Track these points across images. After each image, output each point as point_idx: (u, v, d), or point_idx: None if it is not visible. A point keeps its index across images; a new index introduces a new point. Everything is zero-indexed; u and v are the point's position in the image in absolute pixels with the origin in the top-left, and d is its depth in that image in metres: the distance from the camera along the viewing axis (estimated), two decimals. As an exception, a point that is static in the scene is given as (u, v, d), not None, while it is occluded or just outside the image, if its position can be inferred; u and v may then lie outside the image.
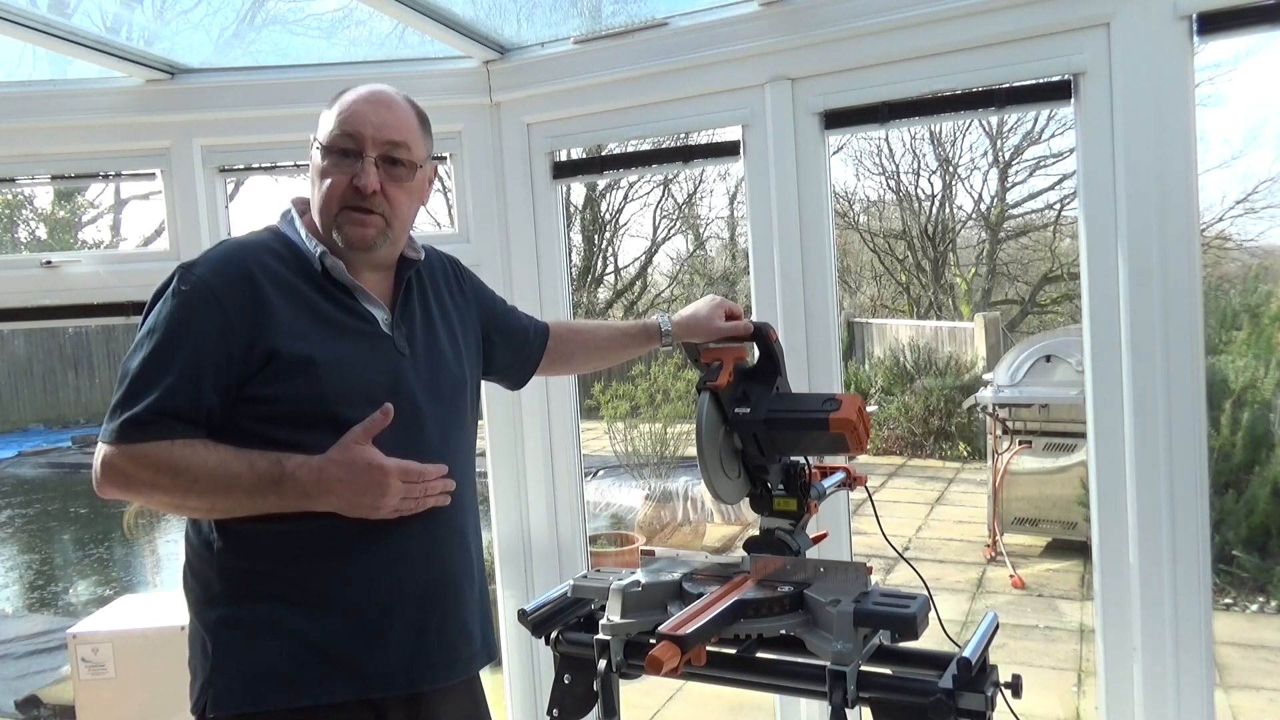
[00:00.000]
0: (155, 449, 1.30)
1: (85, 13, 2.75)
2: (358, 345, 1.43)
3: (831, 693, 1.34)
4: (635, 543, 6.50)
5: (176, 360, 1.31)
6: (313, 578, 1.37)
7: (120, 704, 2.51)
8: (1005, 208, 16.59)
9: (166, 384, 1.30)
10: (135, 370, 1.33)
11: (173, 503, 1.34)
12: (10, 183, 3.08)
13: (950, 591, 5.62)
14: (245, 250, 1.41)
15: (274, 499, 1.31)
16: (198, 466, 1.29)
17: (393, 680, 1.40)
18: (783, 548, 1.63)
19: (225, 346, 1.33)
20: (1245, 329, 6.36)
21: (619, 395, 8.61)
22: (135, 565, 8.39)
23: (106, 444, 1.32)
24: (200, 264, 1.38)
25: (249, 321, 1.34)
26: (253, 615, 1.35)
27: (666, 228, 18.38)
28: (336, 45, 3.13)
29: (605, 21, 2.54)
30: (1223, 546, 5.47)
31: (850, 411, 1.51)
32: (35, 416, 15.75)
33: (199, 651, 1.38)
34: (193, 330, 1.32)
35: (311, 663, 1.35)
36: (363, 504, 1.33)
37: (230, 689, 1.34)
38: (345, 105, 1.50)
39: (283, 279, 1.40)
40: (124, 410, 1.31)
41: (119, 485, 1.34)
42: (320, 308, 1.41)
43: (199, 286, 1.34)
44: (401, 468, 1.35)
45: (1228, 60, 15.76)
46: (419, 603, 1.43)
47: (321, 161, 1.47)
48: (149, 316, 1.37)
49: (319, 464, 1.32)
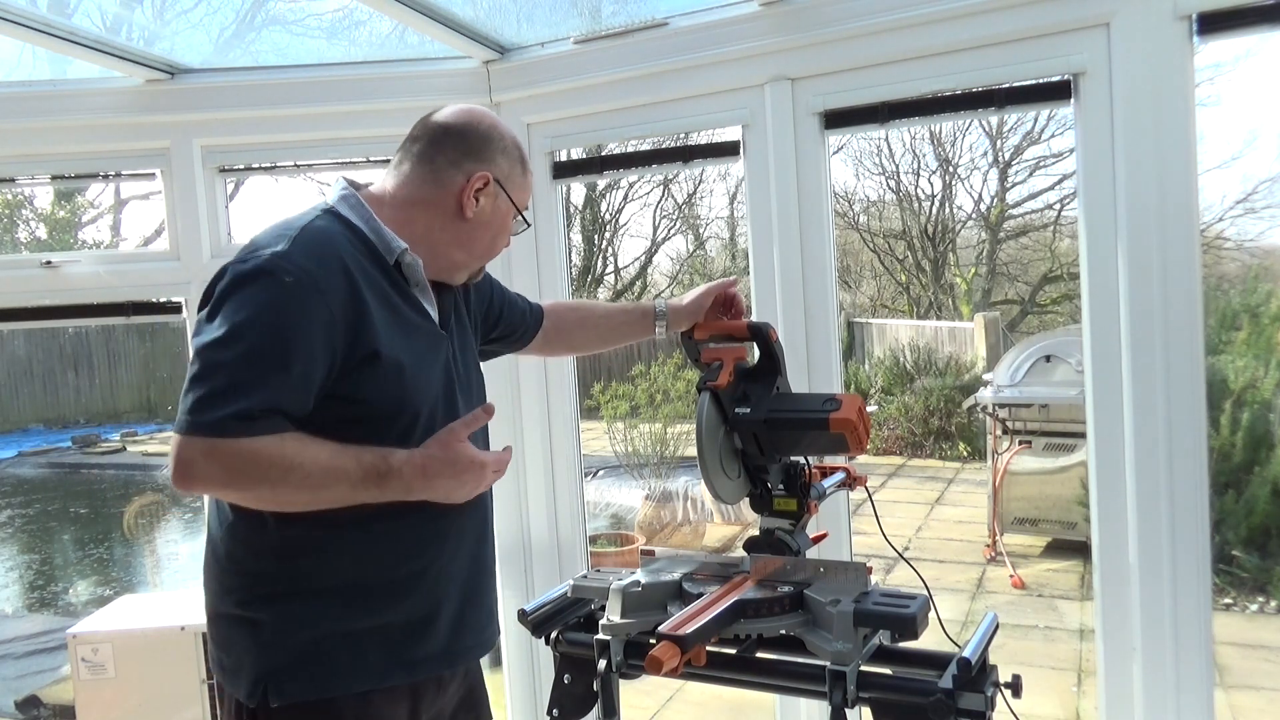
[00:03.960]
0: (266, 444, 1.23)
1: (85, 13, 2.75)
2: (426, 345, 1.45)
3: (831, 693, 1.34)
4: (635, 543, 6.50)
5: (289, 359, 1.26)
6: (366, 575, 1.40)
7: (120, 704, 2.51)
8: (1005, 208, 16.59)
9: (279, 381, 1.25)
10: (235, 362, 1.24)
11: (273, 497, 1.29)
12: (10, 183, 3.08)
13: (950, 591, 5.62)
14: (329, 238, 1.37)
15: (375, 492, 1.31)
16: (310, 462, 1.26)
17: (437, 662, 1.48)
18: (783, 548, 1.63)
19: (331, 344, 1.29)
20: (1245, 329, 6.36)
21: (619, 395, 8.60)
22: (135, 565, 8.40)
23: (202, 436, 1.21)
24: (295, 253, 1.30)
25: (350, 319, 1.31)
26: (312, 609, 1.37)
27: (666, 228, 18.39)
28: (336, 45, 3.13)
29: (605, 21, 2.54)
30: (1223, 546, 5.47)
31: (850, 411, 1.52)
32: (35, 416, 15.75)
33: (250, 643, 1.37)
34: (302, 327, 1.26)
35: (370, 651, 1.39)
36: (461, 495, 1.38)
37: (293, 678, 1.36)
38: (531, 177, 1.59)
39: (365, 271, 1.37)
40: (226, 403, 1.21)
41: (216, 482, 1.26)
42: (396, 304, 1.41)
43: (302, 279, 1.28)
44: (497, 459, 1.42)
45: (1228, 61, 15.75)
46: (462, 594, 1.51)
47: (507, 219, 1.53)
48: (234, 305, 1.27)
49: (421, 460, 1.34)
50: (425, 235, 1.45)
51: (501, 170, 1.49)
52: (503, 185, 1.49)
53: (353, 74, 2.74)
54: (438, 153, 1.48)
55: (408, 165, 1.50)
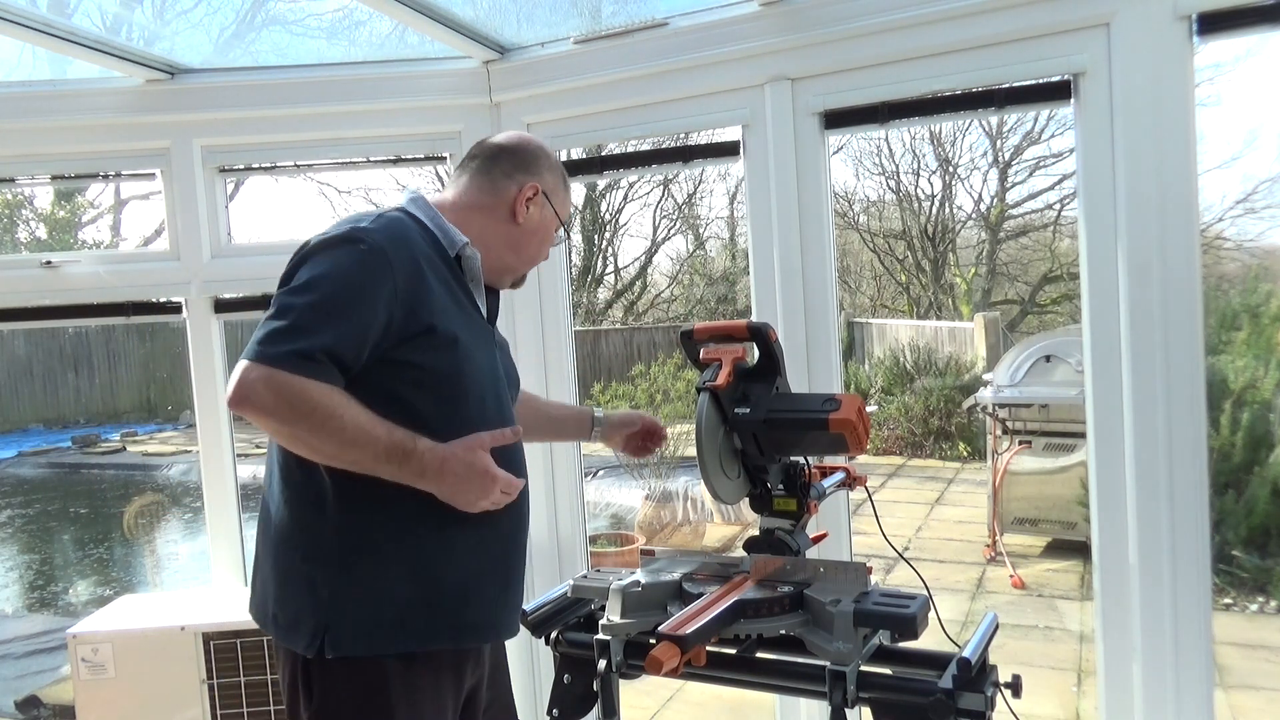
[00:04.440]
0: (316, 388, 1.37)
1: (85, 13, 2.75)
2: (478, 332, 1.60)
3: (831, 693, 1.34)
4: (635, 543, 6.50)
5: (352, 312, 1.41)
6: (424, 541, 1.49)
7: (120, 704, 2.51)
8: (1005, 208, 16.60)
9: (339, 330, 1.39)
10: (305, 307, 1.40)
11: (307, 440, 1.40)
12: (10, 183, 3.08)
13: (950, 591, 5.62)
14: (404, 226, 1.54)
15: (394, 469, 1.42)
16: (349, 417, 1.38)
17: (479, 633, 1.58)
18: (783, 548, 1.63)
19: (390, 311, 1.43)
20: (1245, 329, 6.36)
21: (619, 395, 8.61)
22: (135, 565, 8.40)
23: (268, 364, 1.36)
24: (375, 230, 1.48)
25: (413, 293, 1.46)
26: (368, 571, 1.47)
27: (666, 228, 18.39)
28: (336, 45, 3.13)
29: (605, 21, 2.54)
30: (1223, 546, 5.47)
31: (850, 411, 1.51)
32: (35, 416, 15.76)
33: (308, 599, 1.47)
34: (368, 288, 1.42)
35: (418, 614, 1.49)
36: (464, 499, 1.47)
37: (347, 634, 1.46)
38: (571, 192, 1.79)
39: (430, 259, 1.54)
40: (291, 340, 1.37)
41: (264, 408, 1.37)
42: (455, 291, 1.57)
43: (376, 249, 1.44)
44: (506, 480, 1.50)
45: (1228, 61, 15.75)
46: (505, 569, 1.61)
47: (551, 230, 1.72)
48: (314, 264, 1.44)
49: (444, 454, 1.44)
50: (480, 236, 1.63)
51: (548, 184, 1.69)
52: (549, 197, 1.69)
53: (353, 74, 2.74)
54: (494, 165, 1.68)
55: (466, 178, 1.69)
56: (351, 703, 1.46)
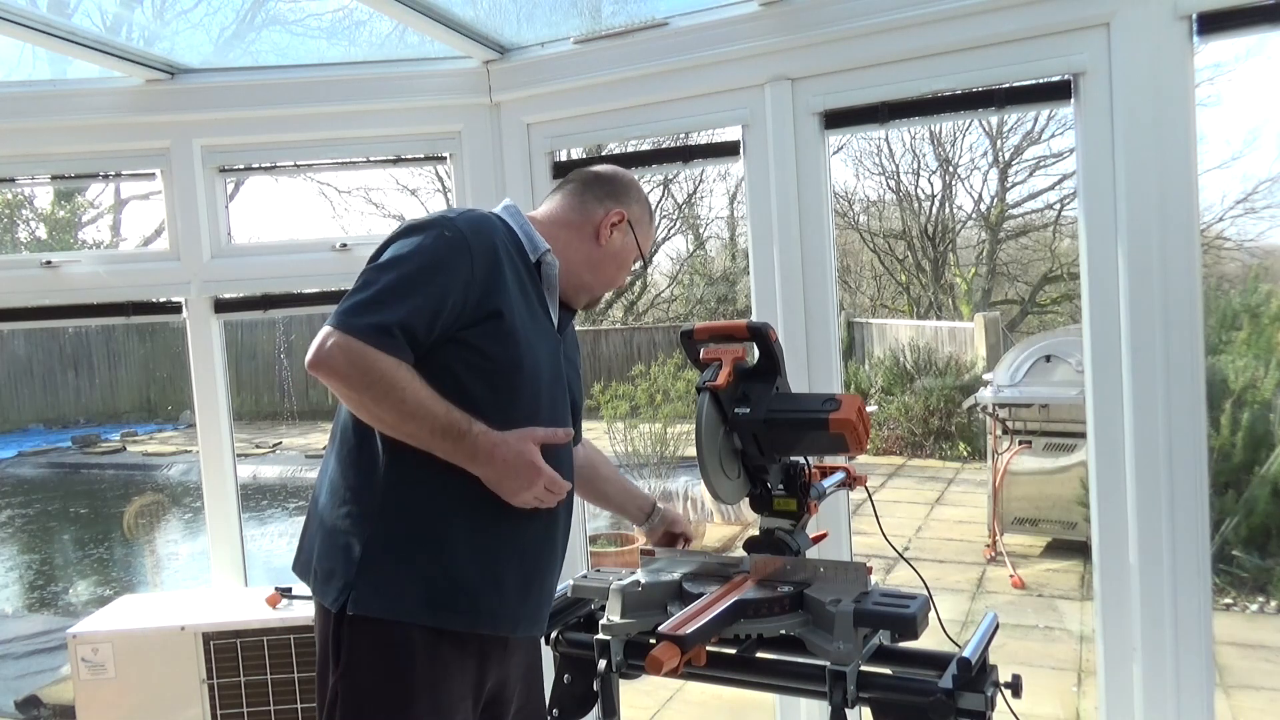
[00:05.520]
0: (386, 360, 1.45)
1: (85, 13, 2.75)
2: (544, 335, 1.66)
3: (831, 693, 1.34)
4: (635, 543, 6.49)
5: (428, 290, 1.49)
6: (460, 524, 1.54)
7: (120, 704, 2.51)
8: (1005, 208, 16.59)
9: (416, 305, 1.47)
10: (388, 283, 1.48)
11: (371, 407, 1.48)
12: (10, 183, 3.08)
13: (950, 591, 5.62)
14: (490, 222, 1.63)
15: (449, 446, 1.49)
16: (412, 392, 1.46)
17: (503, 622, 1.59)
18: (783, 548, 1.63)
19: (464, 294, 1.51)
20: (1245, 329, 6.35)
21: (619, 395, 8.61)
22: (135, 565, 8.40)
23: (346, 332, 1.45)
24: (460, 220, 1.57)
25: (487, 280, 1.54)
26: (404, 540, 1.53)
27: (666, 228, 18.38)
28: (336, 45, 3.13)
29: (605, 21, 2.54)
30: (1223, 546, 5.47)
31: (850, 411, 1.51)
32: (35, 416, 15.76)
33: (342, 556, 1.54)
34: (446, 270, 1.51)
35: (444, 591, 1.53)
36: (508, 487, 1.52)
37: (370, 595, 1.51)
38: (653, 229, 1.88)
39: (510, 257, 1.62)
40: (373, 313, 1.46)
41: (337, 372, 1.45)
42: (527, 289, 1.64)
43: (458, 234, 1.54)
44: (551, 477, 1.54)
45: (1228, 61, 15.75)
46: (535, 561, 1.62)
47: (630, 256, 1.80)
48: (399, 244, 1.54)
49: (496, 439, 1.50)
50: (564, 251, 1.72)
51: (635, 214, 1.78)
52: (634, 226, 1.78)
53: (353, 74, 2.74)
54: (588, 190, 1.78)
55: (559, 197, 1.79)
56: (377, 663, 1.51)
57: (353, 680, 1.52)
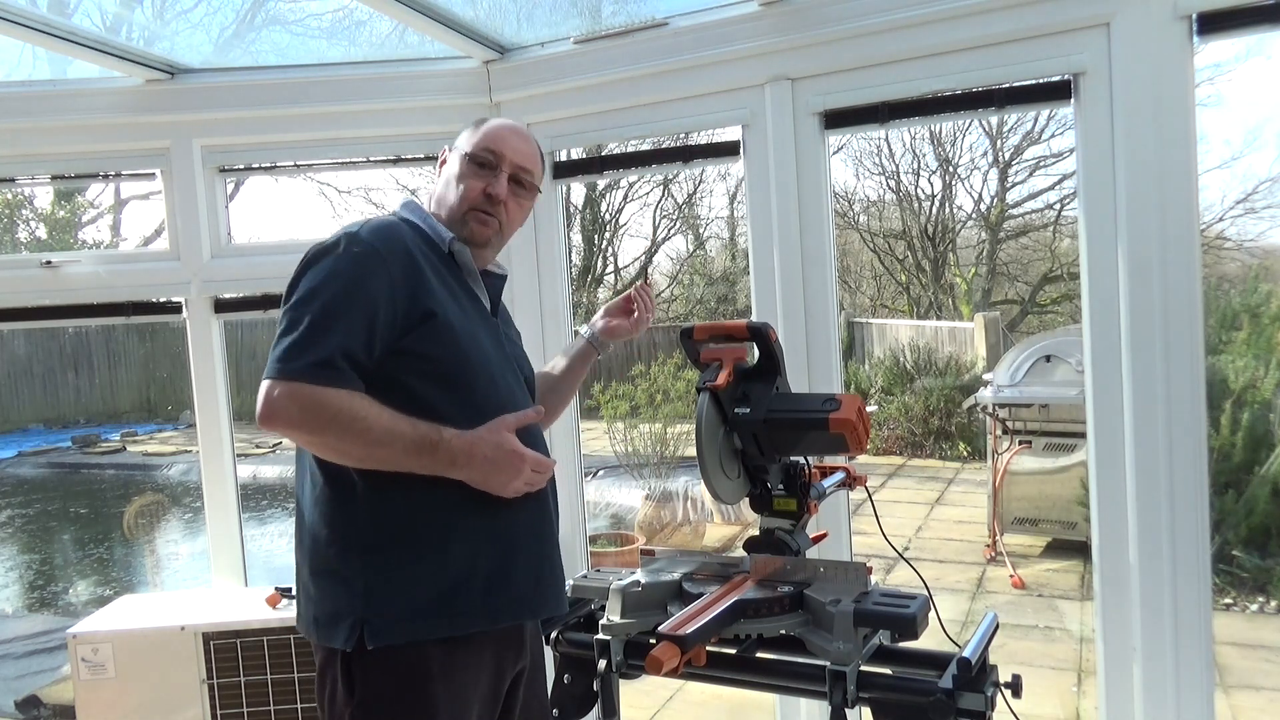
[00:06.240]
0: (338, 395, 1.42)
1: (85, 13, 2.75)
2: (479, 321, 1.64)
3: (831, 693, 1.34)
4: (635, 543, 6.49)
5: (355, 311, 1.46)
6: (452, 527, 1.52)
7: (120, 704, 2.51)
8: (1005, 208, 16.59)
9: (346, 329, 1.45)
10: (313, 317, 1.45)
11: (337, 446, 1.46)
12: (10, 183, 3.08)
13: (950, 591, 5.62)
14: (394, 225, 1.61)
15: (426, 460, 1.46)
16: (373, 419, 1.43)
17: (520, 609, 1.58)
18: (783, 548, 1.63)
19: (391, 303, 1.48)
20: (1245, 329, 6.35)
21: (619, 395, 8.60)
22: (135, 565, 8.40)
23: (288, 381, 1.42)
24: (365, 232, 1.55)
25: (409, 283, 1.51)
26: (402, 560, 1.50)
27: (666, 228, 18.38)
28: (336, 45, 3.13)
29: (605, 21, 2.54)
30: (1223, 546, 5.47)
31: (850, 411, 1.51)
32: (35, 416, 15.75)
33: (343, 592, 1.50)
34: (366, 285, 1.48)
35: (453, 600, 1.51)
36: (495, 482, 1.51)
37: (386, 623, 1.48)
38: (491, 128, 1.75)
39: (425, 253, 1.60)
40: (310, 352, 1.42)
41: (291, 422, 1.43)
42: (452, 285, 1.62)
43: (369, 249, 1.51)
44: (535, 459, 1.54)
45: (1228, 60, 15.75)
46: (538, 542, 1.62)
47: (461, 167, 1.71)
48: (313, 273, 1.50)
49: (471, 439, 1.49)
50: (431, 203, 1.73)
51: (458, 141, 1.75)
52: (454, 149, 1.75)
53: (353, 74, 2.74)
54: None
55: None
56: (394, 690, 1.49)
57: (368, 712, 1.49)
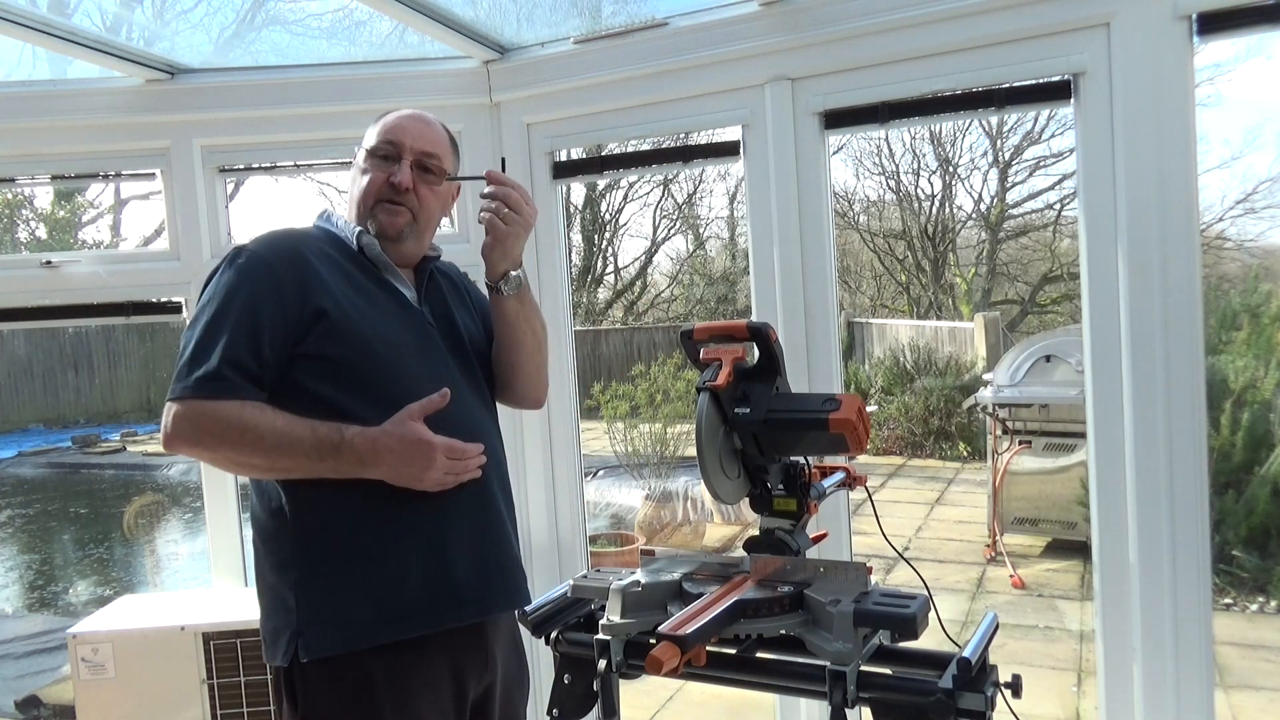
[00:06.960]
0: (228, 407, 1.40)
1: (85, 13, 2.75)
2: (394, 314, 1.59)
3: (831, 693, 1.34)
4: (635, 543, 6.50)
5: (238, 318, 1.44)
6: (379, 530, 1.49)
7: (120, 704, 2.51)
8: (1005, 208, 16.60)
9: (229, 338, 1.43)
10: (200, 334, 1.45)
11: (237, 459, 1.44)
12: (10, 183, 3.08)
13: (950, 591, 5.62)
14: (291, 232, 1.61)
15: (331, 463, 1.43)
16: (266, 426, 1.41)
17: (465, 608, 1.54)
18: (783, 548, 1.62)
19: (281, 305, 1.46)
20: (1245, 329, 6.36)
21: (619, 395, 8.61)
22: (135, 565, 8.40)
23: (180, 401, 1.41)
24: (252, 244, 1.55)
25: (299, 283, 1.49)
26: (331, 570, 1.47)
27: (666, 228, 18.40)
28: (336, 45, 3.13)
29: (605, 21, 2.54)
30: (1223, 546, 5.47)
31: (850, 411, 1.51)
32: (35, 416, 15.76)
33: (280, 608, 1.49)
34: (249, 292, 1.46)
35: (390, 605, 1.47)
36: (409, 475, 1.46)
37: (320, 635, 1.45)
38: (389, 119, 1.71)
39: (325, 253, 1.57)
40: (197, 367, 1.42)
41: (188, 441, 1.42)
42: (357, 279, 1.58)
43: (252, 258, 1.50)
44: (447, 445, 1.47)
45: (1228, 60, 15.77)
46: (479, 534, 1.58)
47: (363, 163, 1.67)
48: (205, 292, 1.51)
49: (375, 434, 1.44)
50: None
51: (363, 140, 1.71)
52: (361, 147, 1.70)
53: (353, 74, 2.74)
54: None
55: None
56: (336, 703, 1.45)
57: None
